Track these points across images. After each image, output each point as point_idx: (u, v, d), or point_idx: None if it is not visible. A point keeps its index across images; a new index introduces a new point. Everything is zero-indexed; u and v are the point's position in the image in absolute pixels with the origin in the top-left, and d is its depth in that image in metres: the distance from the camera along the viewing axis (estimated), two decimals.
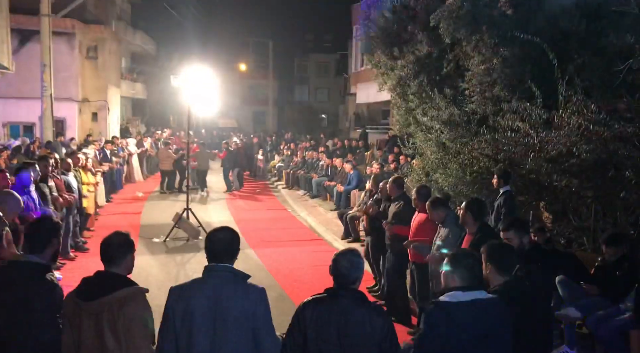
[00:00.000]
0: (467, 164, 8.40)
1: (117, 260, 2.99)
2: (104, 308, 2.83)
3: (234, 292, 2.96)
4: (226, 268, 3.05)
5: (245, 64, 40.23)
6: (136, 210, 13.48)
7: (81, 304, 2.87)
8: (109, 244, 3.02)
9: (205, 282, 3.01)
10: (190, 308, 2.92)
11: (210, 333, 2.91)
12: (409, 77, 10.39)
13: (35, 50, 17.08)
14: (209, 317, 2.91)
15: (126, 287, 2.90)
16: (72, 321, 2.93)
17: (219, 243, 3.11)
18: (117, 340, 2.81)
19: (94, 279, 2.98)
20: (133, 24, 28.96)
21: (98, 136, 20.44)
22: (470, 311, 2.95)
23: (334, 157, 16.29)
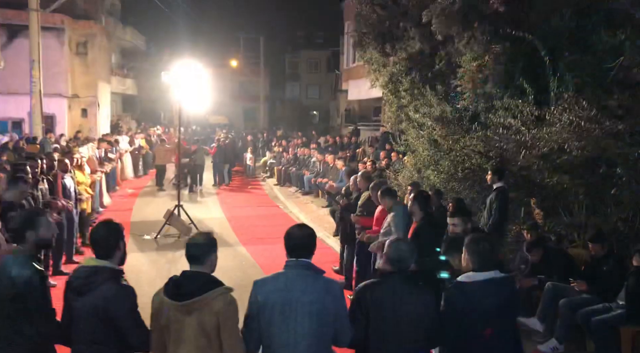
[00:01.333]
0: (459, 161, 8.41)
1: (202, 259, 3.07)
2: (195, 309, 2.90)
3: (314, 285, 3.11)
4: (305, 263, 3.19)
5: (236, 60, 40.10)
6: (127, 207, 13.39)
7: (172, 305, 2.93)
8: (193, 244, 3.10)
9: (286, 276, 3.15)
10: (272, 300, 3.06)
11: (290, 325, 3.04)
12: (400, 73, 10.39)
13: (24, 46, 16.88)
14: (290, 308, 3.05)
15: (216, 287, 2.97)
16: (162, 321, 2.98)
17: (299, 240, 3.23)
18: (209, 339, 2.91)
19: (182, 279, 3.02)
20: (123, 20, 28.71)
21: (88, 133, 20.28)
22: (484, 289, 3.33)
23: (325, 154, 16.28)
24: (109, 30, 25.18)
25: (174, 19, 35.10)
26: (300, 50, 46.34)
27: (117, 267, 3.16)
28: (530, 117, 7.50)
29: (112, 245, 3.16)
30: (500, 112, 7.87)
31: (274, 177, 19.50)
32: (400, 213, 6.01)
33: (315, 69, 46.11)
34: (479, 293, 3.32)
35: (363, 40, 11.68)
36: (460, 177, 8.40)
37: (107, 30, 24.92)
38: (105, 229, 3.21)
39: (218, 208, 14.18)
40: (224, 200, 15.44)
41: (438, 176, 8.75)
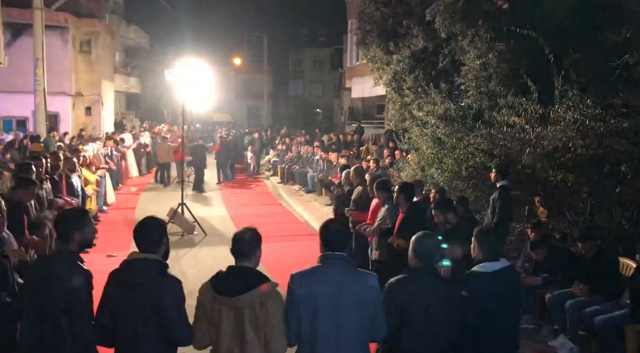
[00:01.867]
0: (462, 159, 8.39)
1: (248, 255, 3.13)
2: (245, 304, 2.95)
3: (352, 278, 3.17)
4: (341, 256, 3.22)
5: (240, 58, 40.07)
6: (130, 205, 13.42)
7: (221, 300, 2.98)
8: (240, 239, 3.15)
9: (324, 270, 3.19)
10: (314, 294, 3.09)
11: (332, 316, 3.09)
12: (404, 71, 10.37)
13: (28, 44, 16.92)
14: (331, 301, 3.09)
15: (263, 281, 3.04)
16: (209, 314, 3.03)
17: (335, 234, 3.27)
18: (257, 333, 2.96)
19: (230, 274, 3.07)
20: (127, 18, 28.75)
21: (92, 131, 20.31)
22: (500, 277, 3.62)
23: (329, 152, 16.27)
24: (112, 29, 25.22)
25: (178, 17, 35.13)
26: (304, 48, 46.30)
27: (163, 260, 3.20)
28: (535, 116, 7.47)
29: (155, 239, 3.20)
30: (504, 110, 7.84)
31: (277, 175, 19.51)
32: (392, 206, 6.29)
33: (318, 67, 46.07)
34: (495, 281, 3.60)
35: (366, 38, 11.66)
36: (464, 175, 8.38)
37: (111, 28, 24.96)
38: (149, 224, 3.25)
39: (221, 206, 14.19)
40: (227, 198, 15.46)
41: (442, 174, 8.73)
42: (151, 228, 3.24)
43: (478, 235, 3.77)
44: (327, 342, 3.08)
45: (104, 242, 9.42)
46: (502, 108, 7.91)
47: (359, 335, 3.14)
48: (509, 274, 3.73)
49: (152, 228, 3.24)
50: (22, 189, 5.96)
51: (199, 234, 10.57)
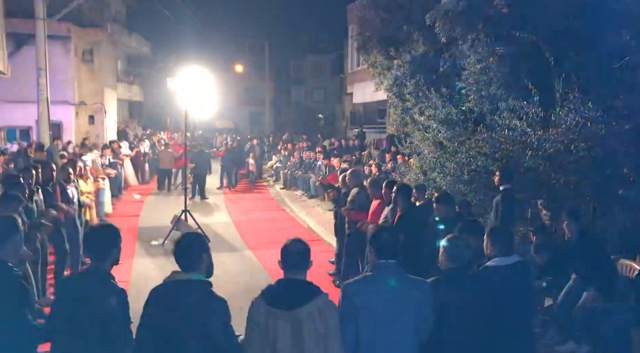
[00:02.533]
0: (464, 163, 8.40)
1: (301, 267, 3.09)
2: (303, 317, 2.91)
3: (406, 285, 3.23)
4: (394, 264, 3.27)
5: (242, 65, 40.18)
6: (134, 213, 13.46)
7: (278, 313, 2.94)
8: (293, 252, 3.10)
9: (379, 278, 3.23)
10: (371, 303, 3.13)
11: (389, 323, 3.13)
12: (405, 76, 10.39)
13: (31, 54, 16.98)
14: (388, 309, 3.13)
15: (318, 292, 3.02)
16: (263, 330, 2.96)
17: (387, 242, 3.30)
18: (317, 345, 2.93)
19: (284, 288, 3.05)
20: (128, 27, 28.88)
21: (95, 139, 20.38)
22: (514, 271, 3.79)
23: (331, 157, 16.29)
24: (114, 38, 25.34)
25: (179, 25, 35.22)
26: (305, 54, 46.39)
27: (207, 279, 3.09)
28: (536, 118, 7.48)
29: (195, 256, 3.07)
30: (505, 114, 7.85)
31: (280, 181, 19.53)
32: None
33: (320, 73, 46.14)
34: (509, 275, 3.74)
35: (367, 44, 11.72)
36: (466, 179, 8.38)
37: (113, 37, 25.08)
38: (188, 241, 3.13)
39: (225, 212, 14.22)
40: (230, 204, 15.48)
41: (444, 178, 8.74)
42: (191, 244, 3.11)
43: (491, 232, 3.94)
44: (385, 349, 3.12)
45: None
46: (503, 111, 7.92)
47: (414, 339, 3.21)
48: (522, 269, 3.91)
49: (192, 244, 3.11)
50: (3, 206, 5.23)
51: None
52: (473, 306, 3.42)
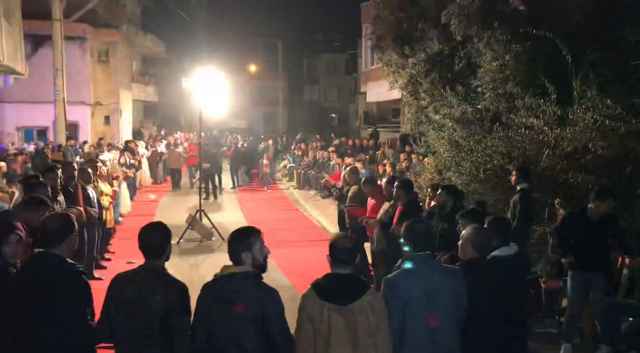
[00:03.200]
0: (480, 162, 8.32)
1: (350, 262, 3.13)
2: (356, 311, 2.99)
3: (443, 275, 3.36)
4: (431, 255, 3.42)
5: (255, 65, 40.32)
6: (149, 212, 13.55)
7: (334, 308, 2.99)
8: (344, 248, 3.13)
9: (419, 270, 3.32)
10: (415, 294, 3.23)
11: (433, 313, 3.25)
12: (420, 75, 10.31)
13: (48, 55, 17.25)
14: (431, 299, 3.25)
15: (368, 288, 3.10)
16: (317, 324, 3.01)
17: (423, 234, 3.41)
18: (369, 337, 3.00)
19: (336, 282, 3.08)
20: (143, 27, 29.13)
21: (111, 139, 20.56)
22: (518, 260, 4.02)
23: (345, 157, 16.26)
24: (130, 38, 25.58)
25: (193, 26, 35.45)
26: (319, 54, 46.40)
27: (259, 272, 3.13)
28: (553, 117, 7.38)
29: (238, 251, 3.11)
30: (522, 112, 7.76)
31: (293, 181, 19.54)
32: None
33: (333, 72, 46.12)
34: (515, 264, 3.94)
35: (381, 42, 11.64)
36: (482, 178, 8.30)
37: (128, 38, 25.32)
38: (231, 237, 3.18)
39: (239, 212, 14.26)
40: (244, 203, 15.53)
41: (459, 178, 8.66)
42: (237, 239, 3.16)
43: (492, 224, 4.12)
44: (431, 339, 3.22)
45: (124, 249, 9.52)
46: (519, 110, 7.83)
47: (456, 326, 3.33)
48: (523, 258, 4.25)
49: (233, 240, 3.16)
50: (29, 211, 4.70)
51: (217, 240, 10.63)
52: (489, 294, 3.53)
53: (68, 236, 3.25)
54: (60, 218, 3.36)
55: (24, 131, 21.16)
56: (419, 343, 3.23)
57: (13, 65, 14.14)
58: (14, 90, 18.59)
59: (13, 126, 20.66)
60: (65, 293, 3.11)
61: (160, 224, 3.32)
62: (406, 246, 3.45)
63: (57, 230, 3.23)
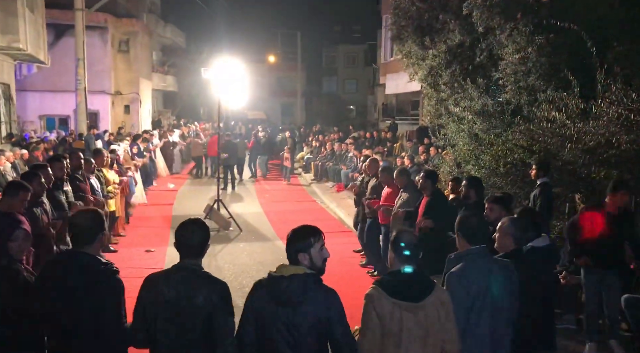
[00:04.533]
0: (500, 156, 8.23)
1: (416, 259, 3.04)
2: (428, 307, 2.94)
3: (500, 268, 3.34)
4: (486, 249, 3.37)
5: (274, 56, 40.29)
6: (168, 202, 13.68)
7: (405, 306, 2.93)
8: (410, 244, 3.03)
9: (480, 263, 3.29)
10: (482, 288, 3.23)
11: (497, 306, 3.26)
12: (440, 67, 10.22)
13: (69, 44, 17.45)
14: (495, 292, 3.25)
15: (435, 284, 3.05)
16: (388, 323, 2.93)
17: (478, 227, 3.37)
18: (439, 333, 2.96)
19: (406, 281, 2.99)
20: (163, 17, 29.29)
21: (131, 128, 20.74)
22: (552, 250, 4.27)
23: (363, 149, 16.20)
24: (150, 28, 25.73)
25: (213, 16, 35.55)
26: (338, 45, 46.23)
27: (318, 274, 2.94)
28: (576, 110, 7.27)
29: (296, 251, 2.92)
30: (544, 106, 7.65)
31: (310, 172, 19.55)
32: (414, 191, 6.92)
33: (352, 63, 45.93)
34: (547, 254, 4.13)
35: (402, 34, 11.54)
36: (502, 172, 8.21)
37: (148, 27, 25.47)
38: (291, 235, 2.97)
39: (256, 202, 14.32)
40: (262, 194, 15.59)
41: (479, 171, 8.58)
42: (296, 238, 2.94)
43: (524, 214, 4.25)
44: (491, 332, 3.24)
45: (142, 237, 9.62)
46: (541, 103, 7.72)
47: (511, 319, 3.33)
48: (555, 248, 4.47)
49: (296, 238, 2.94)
50: (9, 196, 4.72)
51: (235, 230, 10.69)
52: (530, 285, 3.57)
53: (99, 234, 3.11)
54: (91, 215, 3.17)
55: (46, 119, 21.48)
56: (481, 337, 3.22)
57: (36, 54, 14.33)
58: (36, 79, 18.87)
59: (35, 114, 20.98)
60: (102, 295, 2.97)
61: (200, 221, 3.11)
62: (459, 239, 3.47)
63: (89, 228, 3.07)
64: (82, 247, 3.06)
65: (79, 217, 3.15)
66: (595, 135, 6.92)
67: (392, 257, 3.07)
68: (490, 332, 3.24)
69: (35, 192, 5.28)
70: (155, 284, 2.97)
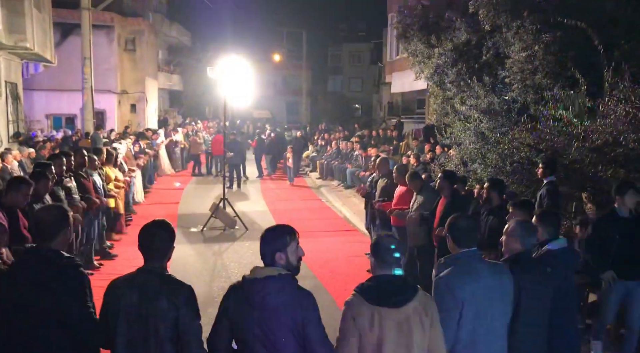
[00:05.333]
0: (507, 154, 8.19)
1: (399, 263, 2.95)
2: (410, 313, 2.81)
3: (493, 271, 3.26)
4: (477, 251, 3.31)
5: (279, 55, 40.29)
6: (174, 200, 13.71)
7: (386, 312, 2.79)
8: (385, 248, 2.93)
9: (472, 267, 3.21)
10: (474, 292, 3.14)
11: (489, 311, 3.17)
12: (446, 65, 10.20)
13: (75, 43, 17.48)
14: (486, 297, 3.16)
15: (418, 288, 2.90)
16: (367, 332, 2.80)
17: (468, 229, 3.30)
18: (423, 338, 2.83)
19: (385, 285, 2.86)
20: (169, 16, 29.34)
21: (137, 127, 20.78)
22: (570, 253, 4.12)
23: (368, 148, 16.17)
24: (155, 27, 25.78)
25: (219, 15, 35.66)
26: (343, 43, 46.18)
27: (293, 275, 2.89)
28: (583, 109, 7.23)
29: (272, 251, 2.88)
30: (550, 104, 7.62)
31: (316, 171, 19.55)
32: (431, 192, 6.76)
33: (357, 62, 45.87)
34: (566, 257, 3.98)
35: (407, 32, 11.52)
36: (509, 170, 8.18)
37: (154, 27, 25.52)
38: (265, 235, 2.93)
39: (262, 201, 14.33)
40: (267, 193, 15.60)
41: (485, 170, 8.55)
42: (271, 237, 2.91)
43: (541, 216, 4.09)
44: (484, 338, 3.14)
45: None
46: (548, 101, 7.68)
47: (506, 324, 3.26)
48: (574, 251, 4.37)
49: (271, 237, 2.91)
50: (13, 192, 4.98)
51: (240, 229, 10.71)
52: (541, 290, 3.48)
53: (62, 229, 3.02)
54: (54, 210, 3.12)
55: (52, 118, 21.56)
56: (472, 343, 3.12)
57: (43, 53, 14.38)
58: (43, 78, 18.93)
59: (42, 113, 21.06)
60: (67, 290, 2.88)
61: (164, 223, 3.05)
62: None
63: (51, 224, 2.99)
64: (45, 243, 2.98)
65: (42, 213, 3.10)
66: (602, 134, 6.88)
67: (374, 261, 2.94)
68: (483, 337, 3.13)
69: (39, 192, 5.45)
70: (117, 287, 2.92)
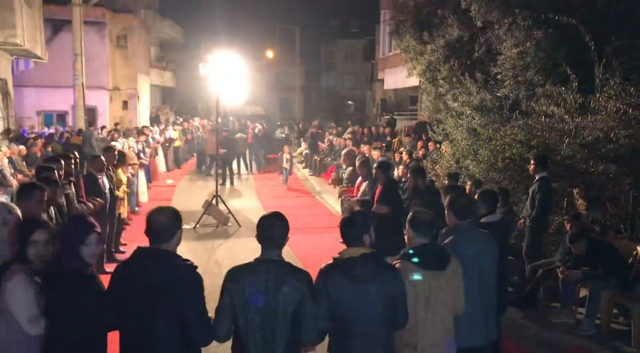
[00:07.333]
0: (499, 150, 8.23)
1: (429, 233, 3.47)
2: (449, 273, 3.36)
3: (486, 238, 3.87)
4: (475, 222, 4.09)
5: (272, 51, 40.20)
6: (167, 197, 13.66)
7: (432, 274, 3.30)
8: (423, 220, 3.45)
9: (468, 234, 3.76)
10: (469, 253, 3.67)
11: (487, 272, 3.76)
12: (439, 61, 10.22)
13: (67, 40, 17.36)
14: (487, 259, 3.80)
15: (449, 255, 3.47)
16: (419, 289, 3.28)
17: (464, 205, 3.85)
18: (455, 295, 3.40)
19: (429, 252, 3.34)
20: (161, 13, 29.18)
21: (129, 124, 20.67)
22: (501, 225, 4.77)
23: (361, 144, 16.18)
24: (147, 23, 25.64)
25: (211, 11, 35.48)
26: (336, 40, 46.11)
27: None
28: (574, 105, 7.27)
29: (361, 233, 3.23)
30: (542, 100, 7.65)
31: (309, 168, 19.55)
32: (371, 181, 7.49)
33: (351, 59, 45.83)
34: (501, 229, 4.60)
35: (400, 29, 11.53)
36: (501, 167, 8.22)
37: (146, 23, 25.38)
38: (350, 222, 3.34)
39: (255, 198, 14.32)
40: (260, 190, 15.58)
41: (477, 166, 8.59)
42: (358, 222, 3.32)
43: (481, 194, 4.84)
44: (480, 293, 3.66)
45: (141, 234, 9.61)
46: (540, 98, 7.72)
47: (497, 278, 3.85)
48: (505, 223, 5.12)
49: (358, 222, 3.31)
50: (25, 199, 4.29)
51: (233, 225, 10.70)
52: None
53: (177, 230, 3.13)
54: (167, 212, 3.20)
55: (43, 115, 21.41)
56: (472, 298, 3.52)
57: (33, 49, 14.27)
58: (33, 74, 18.79)
59: (33, 110, 20.89)
60: (186, 291, 2.94)
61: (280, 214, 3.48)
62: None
63: (167, 225, 3.09)
64: (160, 244, 3.07)
65: (158, 215, 3.14)
66: (593, 130, 6.92)
67: (413, 234, 3.40)
68: (481, 293, 3.64)
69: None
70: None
